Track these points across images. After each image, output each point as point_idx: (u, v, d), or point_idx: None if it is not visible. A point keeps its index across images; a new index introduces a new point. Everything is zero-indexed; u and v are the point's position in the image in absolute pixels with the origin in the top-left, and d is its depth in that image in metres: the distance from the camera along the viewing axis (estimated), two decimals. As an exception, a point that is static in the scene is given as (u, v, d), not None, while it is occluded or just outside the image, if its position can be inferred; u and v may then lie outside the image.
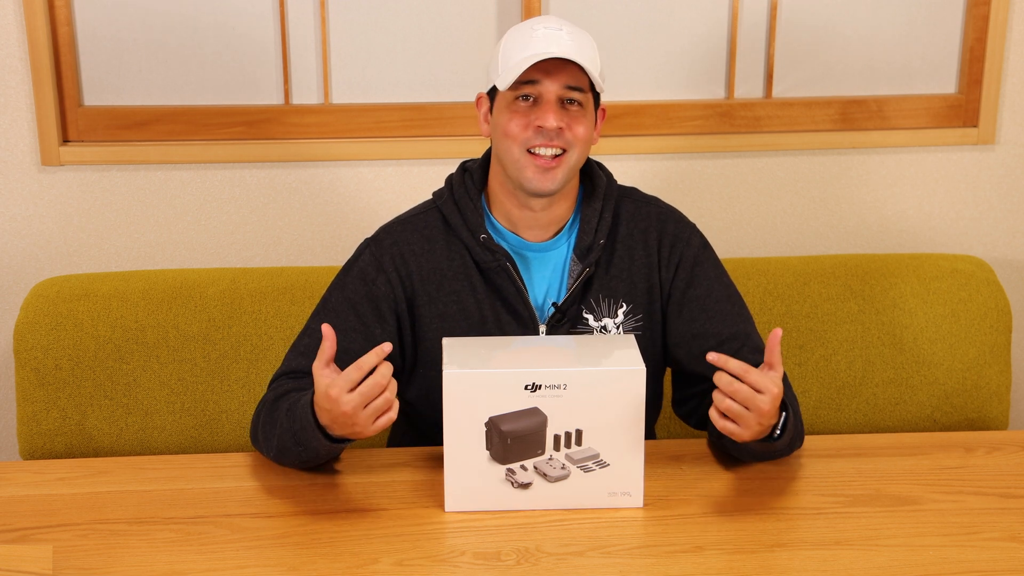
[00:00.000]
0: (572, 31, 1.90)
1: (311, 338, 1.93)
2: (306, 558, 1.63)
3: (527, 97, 1.87)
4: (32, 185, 2.58)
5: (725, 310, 1.97)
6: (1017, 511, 1.76)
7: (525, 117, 1.87)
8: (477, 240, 1.93)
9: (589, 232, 1.94)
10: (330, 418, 1.71)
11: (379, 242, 1.98)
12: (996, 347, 2.38)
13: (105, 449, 2.26)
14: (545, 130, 1.85)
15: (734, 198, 2.71)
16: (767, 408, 1.69)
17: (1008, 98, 2.71)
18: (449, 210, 1.96)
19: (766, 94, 2.69)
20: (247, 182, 2.62)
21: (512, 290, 1.93)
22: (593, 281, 1.96)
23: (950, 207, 2.76)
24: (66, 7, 2.51)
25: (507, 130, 1.88)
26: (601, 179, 1.99)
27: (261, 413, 1.89)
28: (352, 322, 1.93)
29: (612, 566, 1.61)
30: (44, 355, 2.24)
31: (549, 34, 1.87)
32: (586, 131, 1.89)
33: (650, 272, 1.98)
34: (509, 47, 1.90)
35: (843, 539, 1.68)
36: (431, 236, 1.97)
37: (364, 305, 1.93)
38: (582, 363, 1.72)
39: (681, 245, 1.99)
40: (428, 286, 1.94)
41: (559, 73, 1.85)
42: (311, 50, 2.60)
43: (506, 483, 1.72)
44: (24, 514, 1.74)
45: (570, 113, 1.87)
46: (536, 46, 1.86)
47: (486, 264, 1.93)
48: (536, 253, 1.96)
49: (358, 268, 1.97)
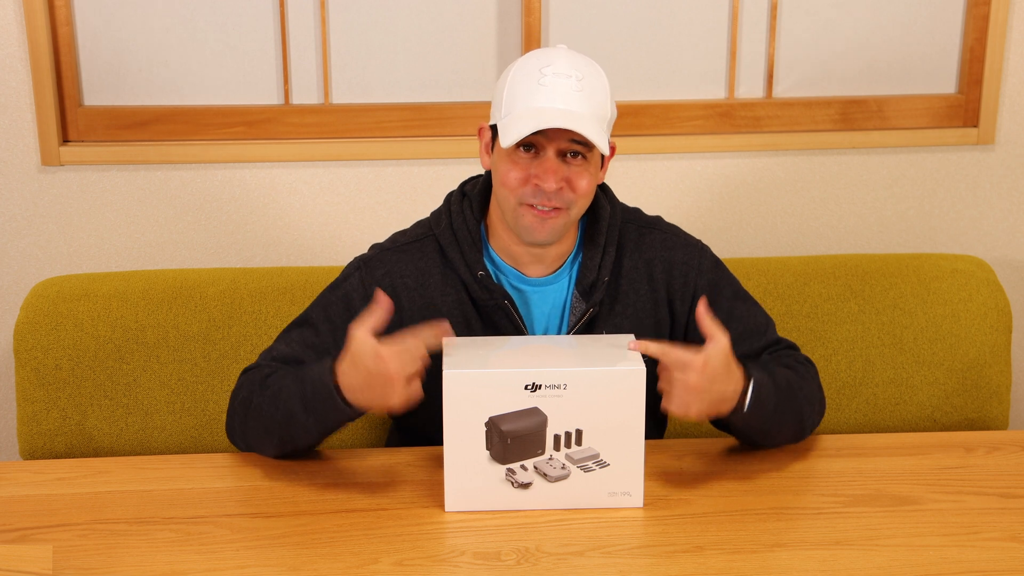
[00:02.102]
0: (583, 78, 1.79)
1: (288, 347, 1.89)
2: (306, 558, 1.63)
3: (529, 147, 1.79)
4: (32, 185, 2.58)
5: (750, 328, 1.94)
6: (1017, 511, 1.76)
7: (524, 171, 1.79)
8: (474, 277, 1.87)
9: (592, 269, 1.89)
10: (364, 377, 1.67)
11: (371, 270, 1.91)
12: (996, 347, 2.38)
13: (105, 449, 2.26)
14: (543, 190, 1.78)
15: (734, 198, 2.71)
16: (694, 381, 1.67)
17: (1008, 98, 2.71)
18: (447, 241, 1.89)
19: (766, 94, 2.69)
20: (247, 182, 2.62)
21: (511, 329, 1.89)
22: (597, 320, 1.91)
23: (950, 207, 2.76)
24: (66, 7, 2.51)
25: (505, 180, 1.81)
26: (605, 208, 1.92)
27: (245, 397, 1.84)
28: (329, 344, 1.87)
29: (612, 566, 1.61)
30: (44, 355, 2.24)
31: (558, 83, 1.78)
32: (588, 184, 1.81)
33: (656, 308, 1.93)
34: (515, 89, 1.80)
35: (843, 539, 1.68)
36: (426, 268, 1.90)
37: (343, 332, 1.79)
38: (582, 363, 1.72)
39: (694, 274, 1.94)
40: (417, 321, 1.84)
41: (562, 131, 1.77)
42: (311, 50, 2.60)
43: (506, 483, 1.72)
44: (24, 514, 1.74)
45: (571, 168, 1.80)
46: (542, 98, 1.77)
47: (483, 302, 1.88)
48: (536, 288, 1.91)
49: (344, 291, 1.91)
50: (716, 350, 1.69)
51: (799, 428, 1.89)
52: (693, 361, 1.68)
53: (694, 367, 1.68)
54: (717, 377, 1.70)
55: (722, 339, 1.70)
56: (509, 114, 1.80)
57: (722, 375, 1.71)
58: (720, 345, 1.70)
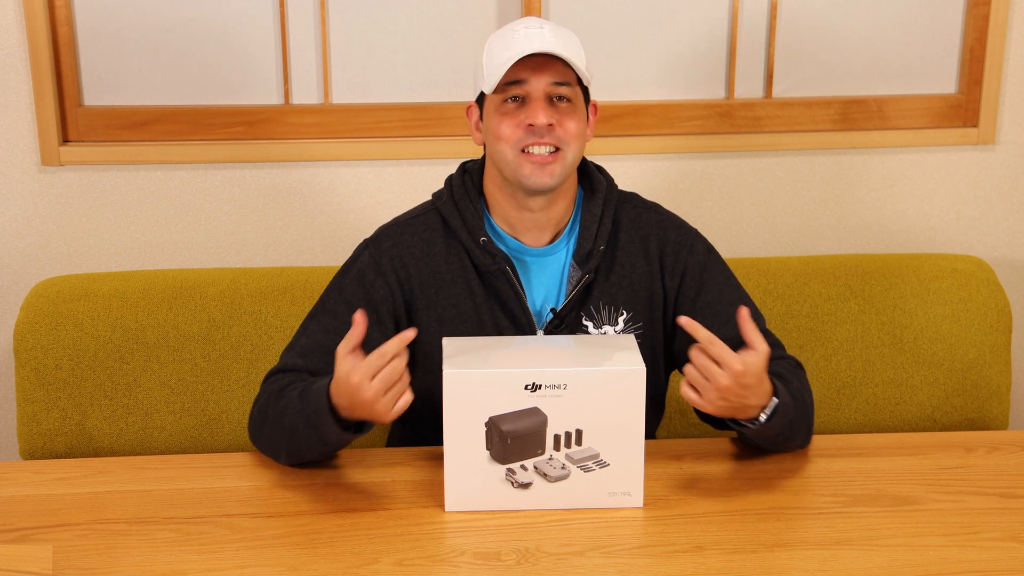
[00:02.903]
0: (554, 28, 1.89)
1: (309, 339, 1.93)
2: (306, 558, 1.63)
3: (515, 99, 1.87)
4: (32, 185, 2.58)
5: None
6: (1017, 511, 1.76)
7: (515, 118, 1.86)
8: (477, 243, 1.92)
9: (589, 238, 1.94)
10: (349, 402, 1.71)
11: (378, 244, 1.97)
12: (996, 347, 2.38)
13: (105, 449, 2.26)
14: (536, 128, 1.84)
15: (734, 198, 2.71)
16: (725, 383, 1.69)
17: (1008, 98, 2.71)
18: (449, 212, 1.95)
19: (766, 94, 2.69)
20: (247, 182, 2.62)
21: (511, 294, 1.93)
22: (593, 288, 1.95)
23: (950, 207, 2.76)
24: (66, 7, 2.51)
25: (499, 133, 1.87)
26: (601, 182, 1.98)
27: (263, 405, 1.88)
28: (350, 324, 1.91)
29: (612, 566, 1.61)
30: (44, 355, 2.24)
31: (531, 33, 1.87)
32: (578, 126, 1.88)
33: (651, 281, 1.97)
34: (492, 51, 1.89)
35: (843, 539, 1.68)
36: (430, 239, 1.96)
37: (363, 308, 1.91)
38: (582, 363, 1.72)
39: (685, 253, 1.98)
40: (427, 289, 1.94)
41: (544, 70, 1.85)
42: (311, 50, 2.60)
43: (506, 483, 1.72)
44: (24, 514, 1.74)
45: (560, 110, 1.87)
46: (518, 46, 1.85)
47: (485, 267, 1.92)
48: (535, 258, 1.95)
49: (356, 270, 1.96)
50: (755, 360, 1.71)
51: (805, 438, 1.91)
52: (733, 364, 1.69)
53: (733, 369, 1.69)
54: (749, 386, 1.71)
55: (763, 350, 1.72)
56: (490, 70, 1.87)
57: (754, 386, 1.72)
58: (760, 356, 1.72)
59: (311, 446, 1.81)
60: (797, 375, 1.93)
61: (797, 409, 1.83)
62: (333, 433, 1.76)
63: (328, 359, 1.89)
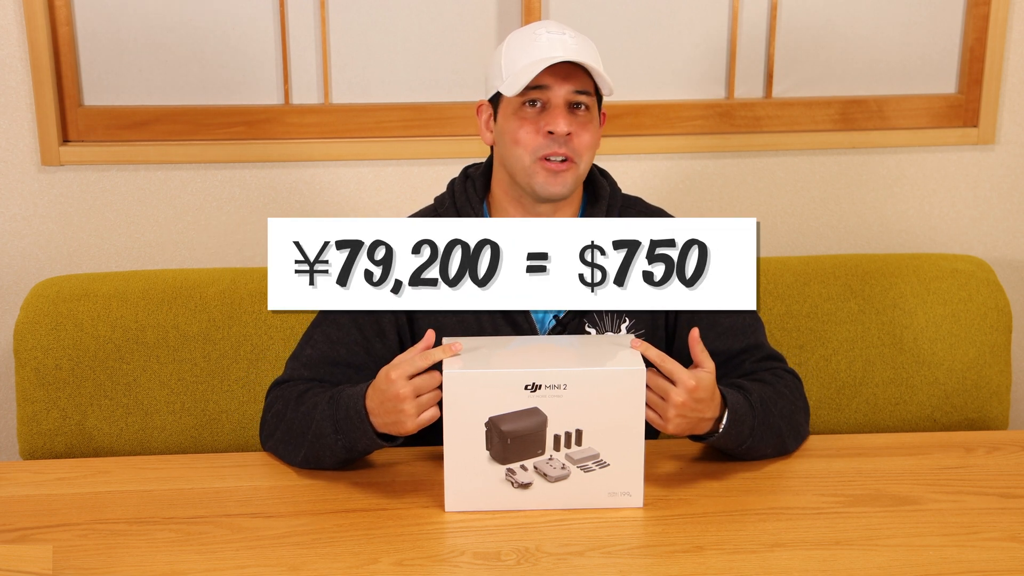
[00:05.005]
0: (575, 35, 1.89)
1: (313, 349, 1.92)
2: (306, 558, 1.63)
3: (534, 103, 1.86)
4: (32, 185, 2.58)
5: (736, 325, 1.95)
6: (1017, 511, 1.76)
7: (534, 123, 1.85)
8: None
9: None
10: (379, 400, 1.71)
11: None
12: (996, 347, 2.38)
13: (105, 449, 2.26)
14: (556, 136, 1.84)
15: (734, 198, 2.71)
16: (680, 399, 1.70)
17: (1008, 98, 2.71)
18: (450, 216, 1.94)
19: (766, 94, 2.69)
20: (247, 182, 2.62)
21: None
22: None
23: (950, 207, 2.76)
24: (66, 7, 2.51)
25: (516, 137, 1.86)
26: (604, 187, 1.97)
27: (279, 411, 1.87)
28: (354, 335, 1.92)
29: (612, 566, 1.61)
30: (44, 355, 2.24)
31: (553, 39, 1.86)
32: (592, 138, 1.88)
33: None
34: (512, 53, 1.88)
35: (843, 539, 1.68)
36: None
37: (365, 318, 1.92)
38: (582, 363, 1.72)
39: None
40: None
41: (567, 78, 1.85)
42: (311, 50, 2.60)
43: (506, 483, 1.72)
44: (24, 514, 1.74)
45: (578, 118, 1.86)
46: (541, 51, 1.85)
47: None
48: None
49: None
50: (706, 375, 1.73)
51: (779, 445, 1.89)
52: (686, 380, 1.71)
53: (686, 385, 1.71)
54: (702, 400, 1.73)
55: (711, 367, 1.74)
56: (511, 72, 1.86)
57: (707, 400, 1.74)
58: (708, 372, 1.74)
59: (334, 452, 1.80)
60: (776, 385, 1.91)
61: (757, 416, 1.83)
62: (364, 439, 1.76)
63: (334, 370, 1.90)
